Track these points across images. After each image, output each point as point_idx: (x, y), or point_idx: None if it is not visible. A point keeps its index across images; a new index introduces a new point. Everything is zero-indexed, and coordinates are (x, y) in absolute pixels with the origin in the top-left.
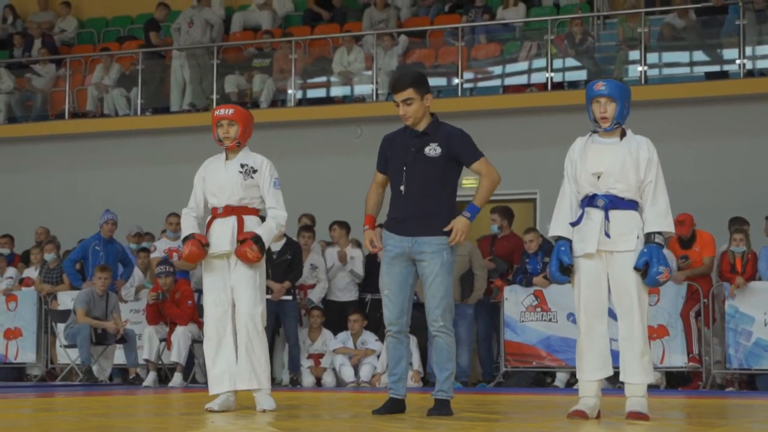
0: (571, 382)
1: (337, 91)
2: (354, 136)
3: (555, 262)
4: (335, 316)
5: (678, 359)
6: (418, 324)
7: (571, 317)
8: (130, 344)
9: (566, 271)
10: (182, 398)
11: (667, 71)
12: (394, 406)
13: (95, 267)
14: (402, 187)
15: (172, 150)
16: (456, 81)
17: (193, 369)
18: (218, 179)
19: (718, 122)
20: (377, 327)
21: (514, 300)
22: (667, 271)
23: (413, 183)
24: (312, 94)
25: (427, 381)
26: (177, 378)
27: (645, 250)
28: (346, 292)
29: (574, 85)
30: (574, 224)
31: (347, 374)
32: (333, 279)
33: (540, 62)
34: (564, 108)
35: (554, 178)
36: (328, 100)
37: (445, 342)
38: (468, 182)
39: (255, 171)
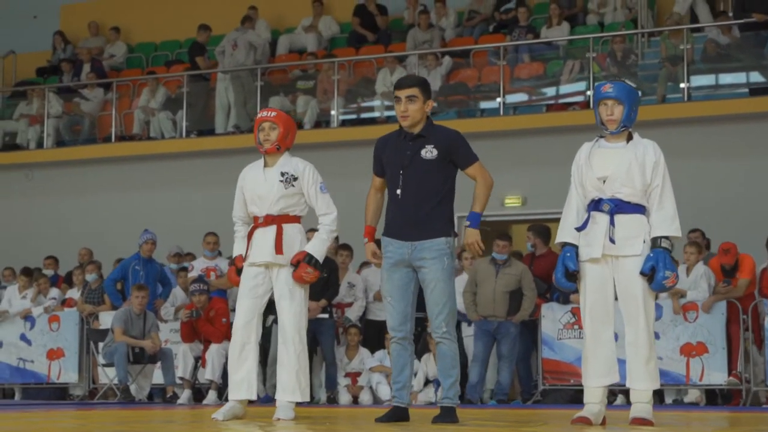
0: (610, 400)
1: (380, 112)
2: None
3: (561, 268)
4: (373, 335)
5: (718, 377)
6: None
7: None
8: (167, 363)
9: (572, 278)
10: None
11: (710, 88)
12: (397, 415)
13: (132, 286)
14: (398, 191)
15: (216, 171)
16: (498, 100)
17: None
18: (258, 188)
19: (763, 139)
20: (414, 346)
21: (552, 317)
22: (674, 276)
23: (410, 186)
24: (356, 114)
25: (463, 398)
26: (212, 396)
27: (651, 254)
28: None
29: None
30: (579, 229)
31: (384, 392)
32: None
33: (583, 81)
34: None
35: None
36: (372, 121)
37: (449, 348)
38: (510, 201)
39: (296, 178)
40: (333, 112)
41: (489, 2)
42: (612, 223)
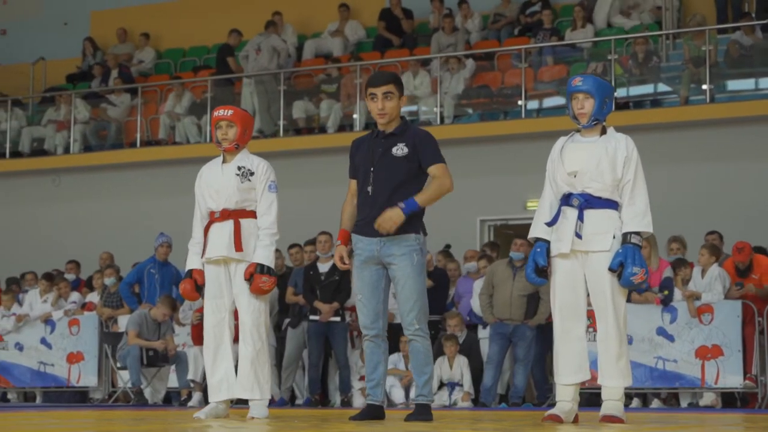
0: (626, 403)
1: (402, 115)
2: None
3: (531, 263)
4: (388, 338)
5: (733, 380)
6: (472, 345)
7: (632, 339)
8: (182, 366)
9: (542, 273)
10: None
11: (733, 89)
12: (372, 413)
13: (161, 297)
14: (369, 188)
15: None
16: (520, 103)
17: None
18: (215, 183)
19: None
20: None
21: None
22: (642, 272)
23: (379, 183)
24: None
25: (477, 400)
26: None
27: (620, 250)
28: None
29: (639, 104)
30: (549, 224)
31: (397, 395)
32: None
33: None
34: (629, 128)
35: None
36: None
37: (422, 345)
38: (533, 204)
39: (252, 173)
40: (355, 116)
41: (514, 5)
42: (580, 218)
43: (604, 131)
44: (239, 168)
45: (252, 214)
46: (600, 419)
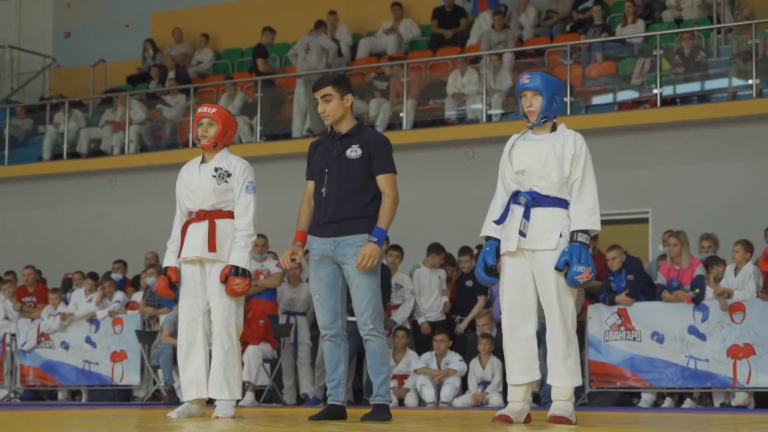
0: (659, 402)
1: (451, 113)
2: (466, 158)
3: (480, 262)
4: (423, 337)
5: (765, 379)
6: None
7: (656, 336)
8: None
9: (491, 272)
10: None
11: None
12: (333, 412)
13: None
14: (323, 189)
15: (287, 176)
16: (565, 99)
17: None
18: (192, 184)
19: None
20: (464, 348)
21: (598, 319)
22: (588, 271)
23: (333, 185)
24: (429, 116)
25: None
26: (248, 397)
27: (566, 249)
28: (434, 312)
29: (686, 100)
30: (497, 222)
31: (428, 394)
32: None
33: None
34: (676, 124)
35: (667, 197)
36: (442, 123)
37: (377, 345)
38: None
39: (229, 175)
40: (402, 114)
41: (567, 1)
42: (526, 216)
43: (554, 128)
44: (216, 170)
45: (229, 215)
46: (548, 419)
